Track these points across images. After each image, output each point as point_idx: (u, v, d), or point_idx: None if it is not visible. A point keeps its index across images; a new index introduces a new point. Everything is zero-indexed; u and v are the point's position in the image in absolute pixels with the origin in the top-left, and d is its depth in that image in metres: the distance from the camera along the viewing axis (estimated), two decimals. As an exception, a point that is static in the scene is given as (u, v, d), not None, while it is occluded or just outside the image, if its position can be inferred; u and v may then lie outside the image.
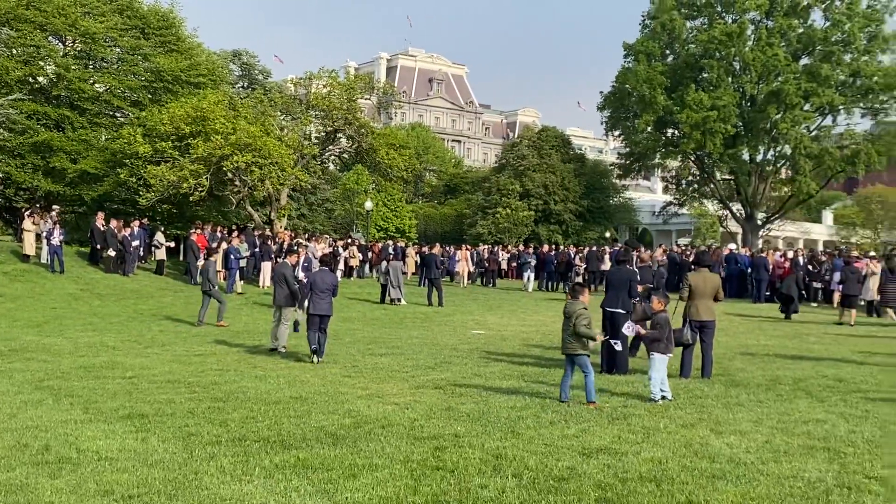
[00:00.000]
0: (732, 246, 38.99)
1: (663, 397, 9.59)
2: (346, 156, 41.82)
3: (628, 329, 10.42)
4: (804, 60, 46.57)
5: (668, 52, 48.81)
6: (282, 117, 35.03)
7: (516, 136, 68.72)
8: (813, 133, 46.61)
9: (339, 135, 36.69)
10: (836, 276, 23.97)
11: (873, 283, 22.76)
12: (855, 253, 30.60)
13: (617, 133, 52.01)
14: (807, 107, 45.13)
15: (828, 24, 45.59)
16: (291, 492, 5.96)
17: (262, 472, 6.46)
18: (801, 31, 46.20)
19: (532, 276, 33.16)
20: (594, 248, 35.86)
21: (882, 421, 8.51)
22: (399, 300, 24.70)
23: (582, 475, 6.50)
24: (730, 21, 46.43)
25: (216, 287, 18.76)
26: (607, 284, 12.62)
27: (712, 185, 50.97)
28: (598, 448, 7.38)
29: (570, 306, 9.65)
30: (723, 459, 6.99)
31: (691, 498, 5.91)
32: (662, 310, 10.07)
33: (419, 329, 18.73)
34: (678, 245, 49.47)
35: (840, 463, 6.85)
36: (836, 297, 23.97)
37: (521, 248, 39.71)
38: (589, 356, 9.54)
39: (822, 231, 72.91)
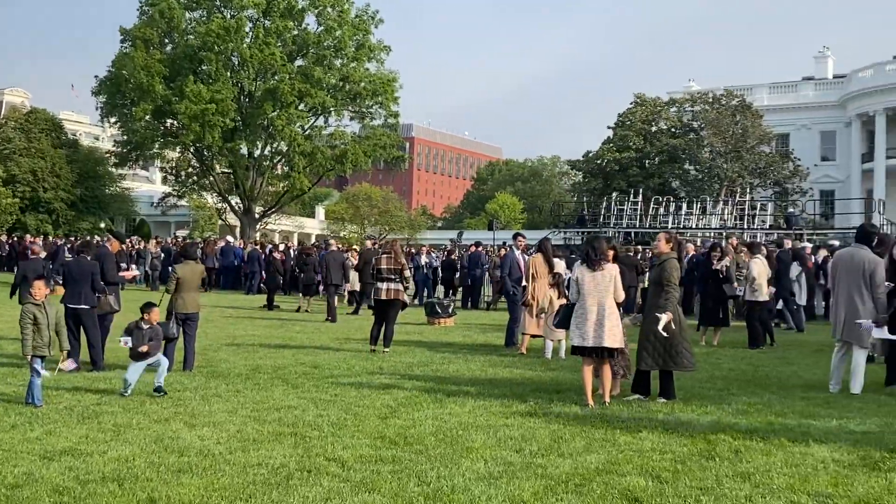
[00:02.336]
0: (230, 238, 39.55)
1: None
2: None
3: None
4: (299, 62, 48.72)
5: (167, 40, 47.99)
6: None
7: (1, 117, 62.86)
8: (307, 132, 49.02)
9: None
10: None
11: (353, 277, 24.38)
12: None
13: (114, 120, 49.91)
14: (301, 106, 47.28)
15: (321, 28, 48.20)
16: None
17: None
18: (296, 33, 48.31)
19: None
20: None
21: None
22: None
23: (39, 480, 6.05)
24: (228, 16, 46.96)
25: None
26: (65, 278, 11.90)
27: (211, 178, 51.17)
28: (61, 450, 6.90)
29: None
30: (192, 452, 6.93)
31: (153, 495, 5.75)
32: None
33: None
34: (175, 237, 48.92)
35: (305, 447, 7.14)
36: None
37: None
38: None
39: (315, 225, 76.93)
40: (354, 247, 32.49)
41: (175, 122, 47.36)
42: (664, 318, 9.07)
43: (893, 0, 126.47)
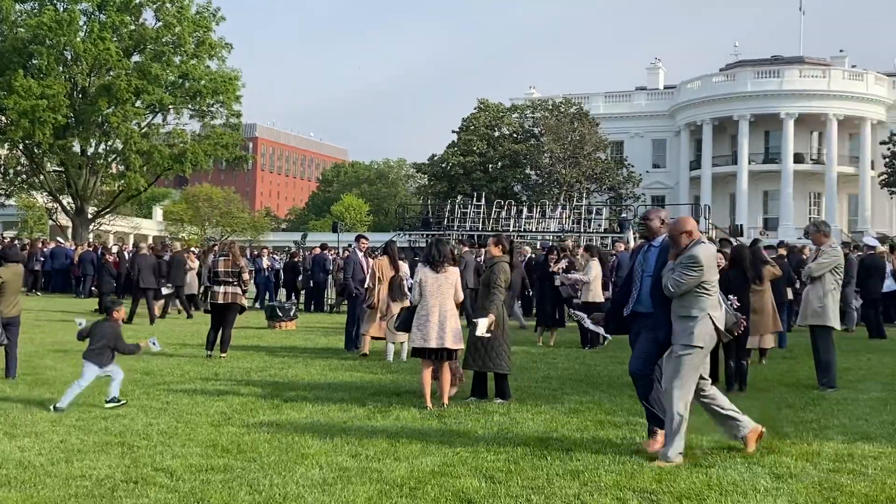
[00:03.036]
0: (61, 240, 37.81)
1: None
2: None
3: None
4: (136, 58, 47.00)
5: (-3, 33, 45.43)
6: None
7: None
8: (144, 130, 47.38)
9: None
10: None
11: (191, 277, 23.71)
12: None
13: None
14: (138, 103, 45.61)
15: (159, 24, 46.68)
16: None
17: None
18: (133, 28, 46.62)
19: None
20: None
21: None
22: None
23: None
24: (61, 9, 44.85)
25: None
26: None
27: (42, 177, 48.69)
28: None
29: None
30: (11, 464, 6.55)
31: (-36, 514, 5.42)
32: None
33: None
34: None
35: (132, 457, 6.87)
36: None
37: None
38: None
39: (152, 226, 74.46)
40: (193, 249, 31.60)
41: (3, 118, 44.84)
42: (483, 321, 9.18)
43: (720, 16, 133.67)
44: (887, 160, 50.93)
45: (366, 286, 14.50)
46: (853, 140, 61.99)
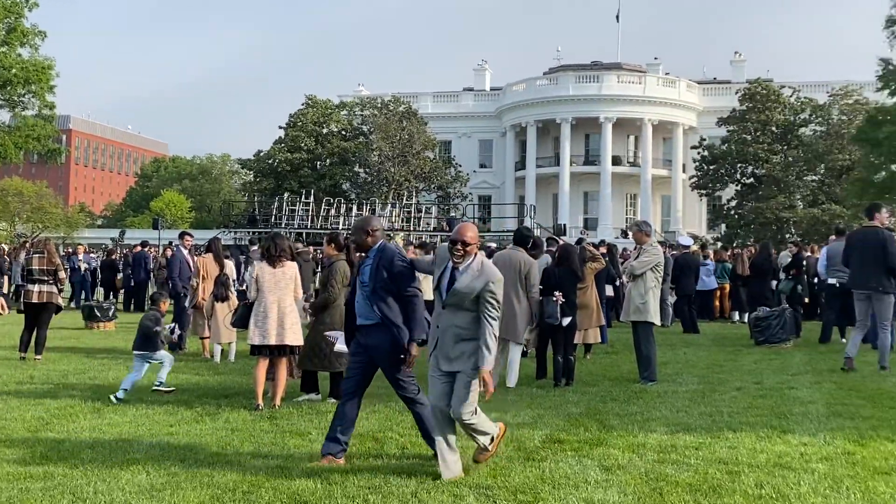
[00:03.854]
0: None
1: None
2: None
3: None
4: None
5: None
6: None
7: None
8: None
9: None
10: None
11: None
12: None
13: None
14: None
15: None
16: None
17: None
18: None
19: None
20: None
21: None
22: None
23: None
24: None
25: None
26: None
27: None
28: None
29: None
30: None
31: None
32: None
33: None
34: None
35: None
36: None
37: None
38: None
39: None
40: (3, 244, 29.72)
41: None
42: (340, 335, 9.05)
43: (544, 21, 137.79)
44: (697, 164, 53.83)
45: (192, 285, 14.08)
46: (667, 144, 65.21)
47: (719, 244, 41.49)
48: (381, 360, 6.68)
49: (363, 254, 6.88)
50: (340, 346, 7.76)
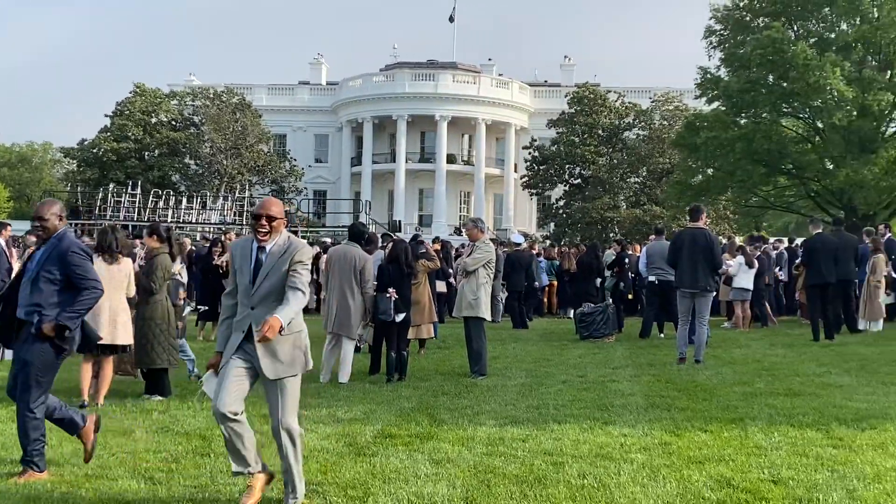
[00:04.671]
0: None
1: None
2: None
3: None
4: None
5: None
6: None
7: None
8: None
9: None
10: None
11: None
12: None
13: None
14: None
15: None
16: None
17: None
18: None
19: None
20: None
21: None
22: None
23: None
24: None
25: None
26: None
27: None
28: None
29: None
30: None
31: None
32: None
33: None
34: None
35: None
36: None
37: None
38: None
39: None
40: None
41: None
42: None
43: (381, 17, 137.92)
44: (529, 164, 55.23)
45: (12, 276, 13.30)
46: (500, 144, 66.52)
47: (548, 242, 42.73)
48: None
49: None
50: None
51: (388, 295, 10.65)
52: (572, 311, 19.53)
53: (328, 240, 29.23)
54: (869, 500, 5.43)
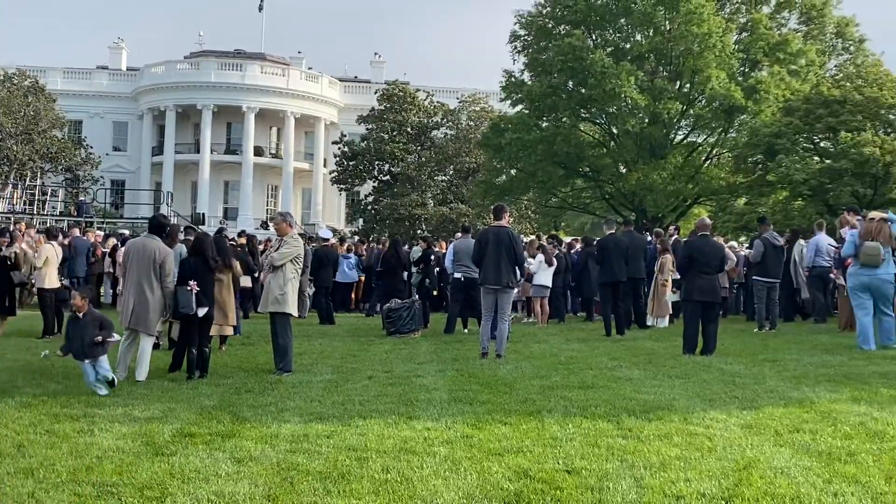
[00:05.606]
0: None
1: None
2: None
3: None
4: None
5: None
6: None
7: None
8: None
9: None
10: None
11: None
12: None
13: None
14: None
15: None
16: None
17: None
18: None
19: None
20: None
21: None
22: None
23: None
24: None
25: None
26: None
27: None
28: None
29: None
30: None
31: None
32: None
33: None
34: None
35: None
36: None
37: None
38: None
39: None
40: None
41: None
42: None
43: (186, 2, 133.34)
44: (338, 159, 55.07)
45: None
46: (309, 138, 65.99)
47: (357, 238, 42.80)
48: None
49: None
50: None
51: (188, 288, 10.34)
52: (379, 307, 19.65)
53: (126, 232, 28.09)
54: (655, 488, 5.73)
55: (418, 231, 46.61)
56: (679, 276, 14.50)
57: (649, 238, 20.57)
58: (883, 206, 27.22)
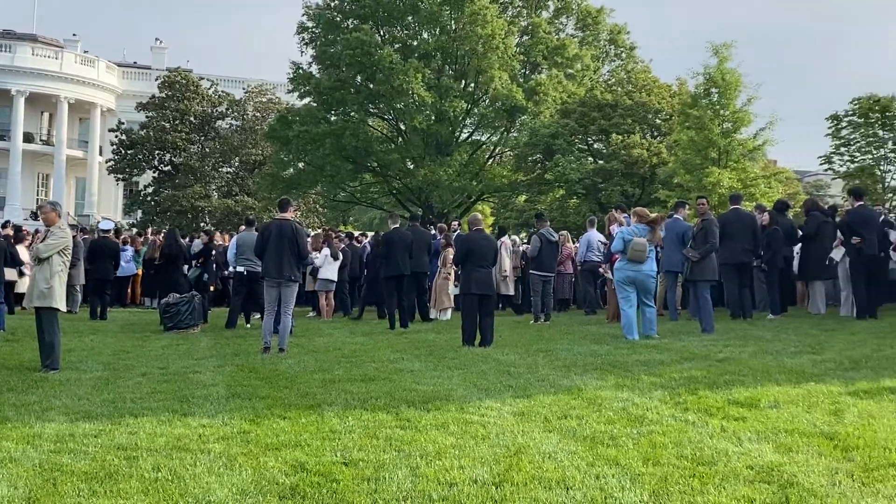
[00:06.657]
0: None
1: None
2: None
3: None
4: None
5: None
6: None
7: None
8: None
9: None
10: None
11: None
12: None
13: None
14: None
15: None
16: None
17: None
18: None
19: None
20: None
21: None
22: None
23: None
24: None
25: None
26: None
27: None
28: None
29: None
30: None
31: None
32: None
33: None
34: None
35: None
36: None
37: None
38: None
39: None
40: None
41: None
42: None
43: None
44: (115, 147, 52.55)
45: None
46: (83, 124, 62.71)
47: (135, 230, 41.08)
48: None
49: None
50: None
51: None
52: (157, 301, 19.00)
53: None
54: (429, 476, 5.87)
55: (202, 224, 45.36)
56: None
57: (433, 232, 21.01)
58: (649, 204, 29.09)
